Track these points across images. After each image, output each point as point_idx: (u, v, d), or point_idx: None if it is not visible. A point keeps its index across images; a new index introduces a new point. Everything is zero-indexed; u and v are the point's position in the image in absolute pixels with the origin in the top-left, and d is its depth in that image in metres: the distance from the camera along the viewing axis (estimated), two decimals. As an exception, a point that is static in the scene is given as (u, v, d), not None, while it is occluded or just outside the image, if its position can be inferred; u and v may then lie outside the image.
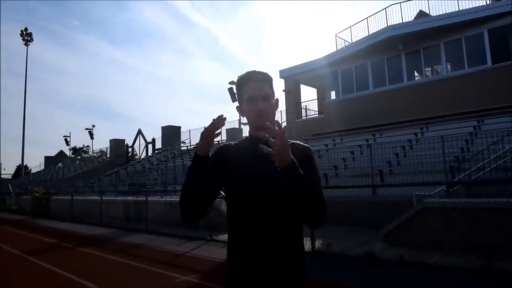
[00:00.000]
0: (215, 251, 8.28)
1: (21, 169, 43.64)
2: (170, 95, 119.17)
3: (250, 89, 1.61)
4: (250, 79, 1.63)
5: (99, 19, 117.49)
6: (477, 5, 14.87)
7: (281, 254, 1.53)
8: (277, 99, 1.69)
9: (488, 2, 15.23)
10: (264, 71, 1.66)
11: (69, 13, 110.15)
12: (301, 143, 1.72)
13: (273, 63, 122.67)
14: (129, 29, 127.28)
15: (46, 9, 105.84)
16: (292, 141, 1.66)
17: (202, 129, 1.51)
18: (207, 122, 1.73)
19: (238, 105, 1.72)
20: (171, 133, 31.34)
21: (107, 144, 38.44)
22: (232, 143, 1.71)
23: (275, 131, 1.38)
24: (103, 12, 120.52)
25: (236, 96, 1.73)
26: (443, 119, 14.40)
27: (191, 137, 29.51)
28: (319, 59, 19.45)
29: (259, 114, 1.58)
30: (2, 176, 48.78)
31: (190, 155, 25.40)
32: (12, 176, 49.41)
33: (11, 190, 31.11)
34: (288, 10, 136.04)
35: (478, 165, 8.41)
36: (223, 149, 1.67)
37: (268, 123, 1.50)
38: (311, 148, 1.73)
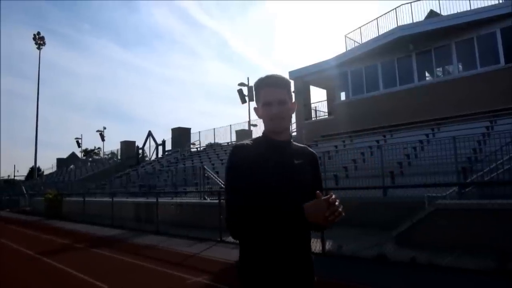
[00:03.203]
0: (226, 252, 8.31)
1: (34, 171, 44.28)
2: (181, 97, 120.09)
3: (267, 94, 1.68)
4: (267, 84, 1.70)
5: (110, 22, 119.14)
6: (489, 4, 14.67)
7: (295, 256, 1.61)
8: (294, 102, 1.76)
9: (500, 1, 15.00)
10: (282, 75, 1.73)
11: (80, 17, 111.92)
12: (310, 149, 1.85)
13: (282, 64, 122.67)
14: (139, 32, 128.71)
15: (57, 13, 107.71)
16: (302, 145, 1.83)
17: (212, 131, 1.57)
18: (216, 123, 1.77)
19: (255, 106, 1.78)
20: (181, 134, 31.50)
21: (118, 146, 38.87)
22: (247, 142, 1.71)
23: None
24: (114, 15, 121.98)
25: (254, 97, 1.79)
26: (455, 119, 14.23)
27: (200, 139, 29.67)
28: (329, 60, 19.38)
29: (273, 118, 1.66)
30: (15, 177, 49.58)
31: (200, 156, 25.53)
32: (25, 178, 50.20)
33: (25, 192, 31.59)
34: (297, 11, 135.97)
35: (491, 166, 8.29)
36: (242, 149, 1.66)
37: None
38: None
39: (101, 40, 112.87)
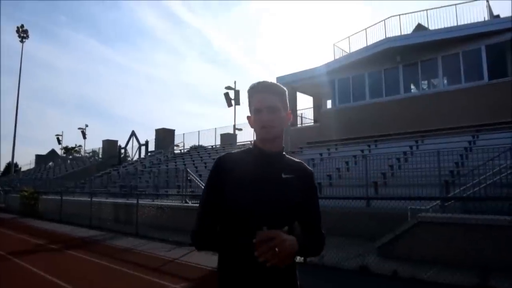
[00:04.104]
0: (206, 258, 8.10)
1: (11, 167, 43.06)
2: (164, 96, 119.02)
3: (258, 100, 1.58)
4: (259, 90, 1.59)
5: (88, 16, 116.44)
6: (476, 20, 14.96)
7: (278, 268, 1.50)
8: (290, 112, 1.64)
9: (486, 18, 15.32)
10: (277, 83, 1.62)
11: (55, 8, 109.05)
12: (305, 165, 1.71)
13: (268, 66, 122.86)
14: (119, 28, 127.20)
15: (31, 2, 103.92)
16: (297, 160, 1.70)
17: (196, 133, 1.45)
18: (201, 125, 1.65)
19: (248, 115, 1.66)
20: (165, 135, 31.17)
21: (100, 145, 38.17)
22: (233, 153, 1.64)
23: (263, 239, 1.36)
24: (92, 9, 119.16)
25: (248, 105, 1.67)
26: (439, 132, 14.42)
27: (185, 141, 29.38)
28: (317, 67, 19.46)
29: (264, 126, 1.55)
30: (-10, 173, 48.18)
31: (183, 158, 25.23)
32: (1, 174, 48.78)
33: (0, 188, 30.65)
34: (282, 11, 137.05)
35: (474, 181, 8.36)
36: (226, 160, 1.60)
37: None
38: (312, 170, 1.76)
39: (79, 34, 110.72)
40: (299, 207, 1.59)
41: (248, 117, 1.66)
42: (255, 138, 1.66)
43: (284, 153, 1.65)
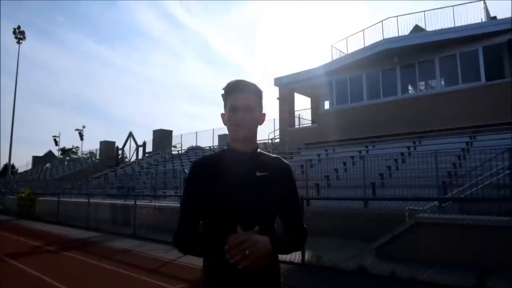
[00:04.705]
0: (203, 259, 8.09)
1: (8, 168, 42.89)
2: (162, 97, 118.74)
3: (234, 99, 1.57)
4: (235, 89, 1.59)
5: (86, 16, 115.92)
6: (473, 22, 15.01)
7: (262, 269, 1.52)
8: (264, 114, 1.65)
9: (483, 20, 15.38)
10: (254, 83, 1.62)
11: (52, 8, 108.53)
12: (282, 158, 1.72)
13: (265, 68, 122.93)
14: (117, 28, 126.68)
15: (28, 2, 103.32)
16: (274, 156, 1.71)
17: (194, 134, 1.45)
18: (199, 126, 1.65)
19: (223, 112, 1.66)
20: (163, 136, 31.11)
21: (97, 146, 38.07)
22: (207, 156, 1.67)
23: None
24: (90, 9, 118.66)
25: (223, 102, 1.67)
26: (436, 133, 14.46)
27: (182, 142, 29.34)
28: (315, 68, 19.48)
29: (237, 125, 1.55)
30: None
31: (181, 159, 25.19)
32: (-2, 175, 48.55)
33: (-4, 189, 30.49)
34: (281, 13, 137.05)
35: (472, 182, 8.38)
36: (202, 164, 1.63)
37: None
38: (291, 163, 1.79)
39: (77, 34, 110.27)
40: (277, 203, 1.61)
41: (222, 115, 1.65)
42: (228, 139, 1.67)
43: (259, 151, 1.66)
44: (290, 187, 1.67)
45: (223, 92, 1.63)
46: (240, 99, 1.56)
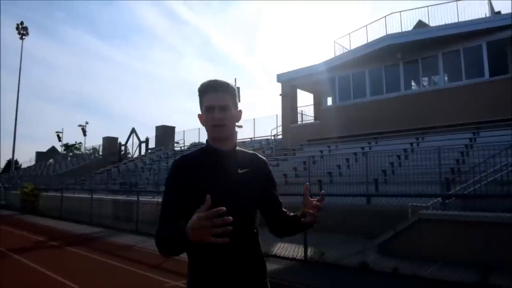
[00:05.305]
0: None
1: (11, 164, 43.06)
2: (163, 94, 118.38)
3: (209, 99, 1.60)
4: (210, 89, 1.61)
5: (87, 13, 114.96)
6: (477, 17, 14.90)
7: (243, 261, 1.54)
8: (240, 111, 1.68)
9: (487, 15, 15.26)
10: (227, 81, 1.66)
11: (53, 4, 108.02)
12: (259, 155, 1.76)
13: (267, 63, 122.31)
14: (119, 25, 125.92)
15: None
16: (251, 152, 1.74)
17: (197, 130, 1.44)
18: (199, 123, 1.65)
19: (199, 113, 1.68)
20: (165, 133, 31.13)
21: (100, 142, 38.13)
22: (188, 155, 1.67)
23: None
24: (90, 6, 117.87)
25: (199, 103, 1.67)
26: (439, 129, 14.38)
27: (185, 138, 29.36)
28: (317, 64, 19.39)
29: (215, 125, 1.57)
30: (-9, 170, 48.20)
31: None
32: (1, 171, 48.79)
33: (0, 185, 30.65)
34: (282, 10, 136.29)
35: (475, 178, 8.35)
36: (183, 163, 1.62)
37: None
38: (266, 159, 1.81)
39: (78, 31, 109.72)
40: (260, 198, 1.65)
41: (199, 116, 1.67)
42: (207, 137, 1.68)
43: (238, 148, 1.68)
44: (270, 182, 1.74)
45: (198, 91, 1.65)
46: (215, 99, 1.58)
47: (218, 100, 1.58)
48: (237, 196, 1.53)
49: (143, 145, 32.17)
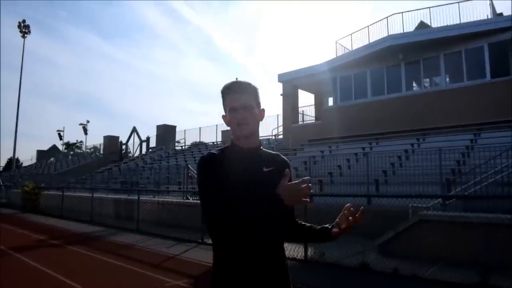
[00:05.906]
0: (207, 254, 8.13)
1: (12, 162, 43.12)
2: (164, 93, 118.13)
3: (232, 100, 1.64)
4: (232, 90, 1.66)
5: (89, 11, 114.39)
6: (479, 18, 14.88)
7: (269, 265, 1.58)
8: (263, 110, 1.72)
9: (489, 16, 15.24)
10: (249, 82, 1.69)
11: (55, 3, 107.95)
12: (282, 156, 1.81)
13: (269, 63, 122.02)
14: (121, 24, 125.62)
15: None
16: (274, 153, 1.79)
17: (197, 130, 1.47)
18: (203, 122, 1.66)
19: (223, 114, 1.72)
20: (166, 132, 31.14)
21: (101, 140, 38.18)
22: (214, 152, 1.68)
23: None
24: (92, 4, 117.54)
25: (222, 105, 1.72)
26: (440, 130, 14.37)
27: (186, 137, 29.37)
28: (319, 64, 19.38)
29: (239, 124, 1.62)
30: (-8, 168, 48.26)
31: (184, 155, 25.23)
32: (2, 169, 48.85)
33: (1, 183, 30.70)
34: (284, 10, 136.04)
35: (476, 179, 8.35)
36: (210, 159, 1.64)
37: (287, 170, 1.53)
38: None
39: (80, 30, 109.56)
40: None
41: (223, 117, 1.72)
42: (231, 137, 1.72)
43: (261, 147, 1.72)
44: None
45: (220, 93, 1.68)
46: (238, 100, 1.62)
47: (240, 101, 1.62)
48: (264, 192, 1.55)
49: (144, 144, 32.20)
